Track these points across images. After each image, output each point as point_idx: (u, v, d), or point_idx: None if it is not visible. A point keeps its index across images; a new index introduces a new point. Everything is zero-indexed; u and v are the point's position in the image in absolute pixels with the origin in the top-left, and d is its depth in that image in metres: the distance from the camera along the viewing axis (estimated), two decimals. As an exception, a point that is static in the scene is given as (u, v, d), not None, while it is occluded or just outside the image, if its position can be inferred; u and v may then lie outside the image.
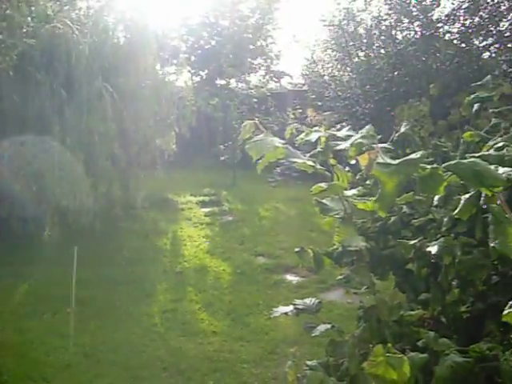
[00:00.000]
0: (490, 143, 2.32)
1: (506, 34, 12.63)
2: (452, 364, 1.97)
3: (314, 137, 2.61)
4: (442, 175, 1.54)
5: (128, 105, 9.80)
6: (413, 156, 1.43)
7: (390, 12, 12.31)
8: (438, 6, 12.49)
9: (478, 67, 10.45)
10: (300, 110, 12.38)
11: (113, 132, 9.20)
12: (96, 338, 5.85)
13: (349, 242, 2.52)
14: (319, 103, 12.19)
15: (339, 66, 12.94)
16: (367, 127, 1.75)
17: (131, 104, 9.91)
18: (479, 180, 1.52)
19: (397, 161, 1.42)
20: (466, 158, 2.36)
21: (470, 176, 1.52)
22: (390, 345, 2.11)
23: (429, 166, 1.51)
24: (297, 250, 3.32)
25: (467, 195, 2.02)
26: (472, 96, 3.02)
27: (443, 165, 1.54)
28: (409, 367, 1.79)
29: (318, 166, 2.48)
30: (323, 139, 2.64)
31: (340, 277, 2.73)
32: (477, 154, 2.16)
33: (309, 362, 2.51)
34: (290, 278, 7.60)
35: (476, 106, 3.05)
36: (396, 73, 10.79)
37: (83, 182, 8.66)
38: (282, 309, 2.91)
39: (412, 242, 2.52)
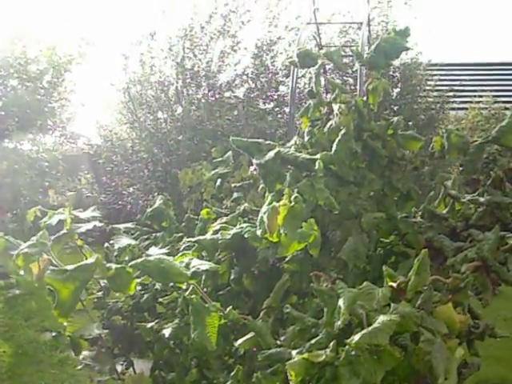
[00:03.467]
0: (215, 224, 2.40)
1: (285, 98, 13.59)
2: None
3: (55, 220, 2.52)
4: (130, 273, 1.54)
5: None
6: (88, 261, 1.42)
7: (178, 76, 12.65)
8: (222, 72, 13.11)
9: (259, 131, 11.06)
10: (89, 175, 12.15)
11: None
12: None
13: (83, 331, 2.44)
14: (108, 168, 12.05)
15: (128, 130, 12.96)
16: (38, 234, 1.72)
17: None
18: (165, 277, 1.55)
19: (70, 267, 1.39)
20: (202, 235, 2.42)
21: (157, 273, 1.54)
22: None
23: (114, 266, 1.51)
24: (53, 334, 3.17)
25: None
26: (212, 172, 3.13)
27: (130, 263, 1.54)
28: None
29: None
30: (68, 221, 2.56)
31: (80, 366, 2.64)
32: (194, 239, 2.22)
33: None
34: (76, 353, 7.22)
35: (218, 182, 3.17)
36: (181, 136, 11.03)
37: None
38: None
39: (149, 325, 2.51)
